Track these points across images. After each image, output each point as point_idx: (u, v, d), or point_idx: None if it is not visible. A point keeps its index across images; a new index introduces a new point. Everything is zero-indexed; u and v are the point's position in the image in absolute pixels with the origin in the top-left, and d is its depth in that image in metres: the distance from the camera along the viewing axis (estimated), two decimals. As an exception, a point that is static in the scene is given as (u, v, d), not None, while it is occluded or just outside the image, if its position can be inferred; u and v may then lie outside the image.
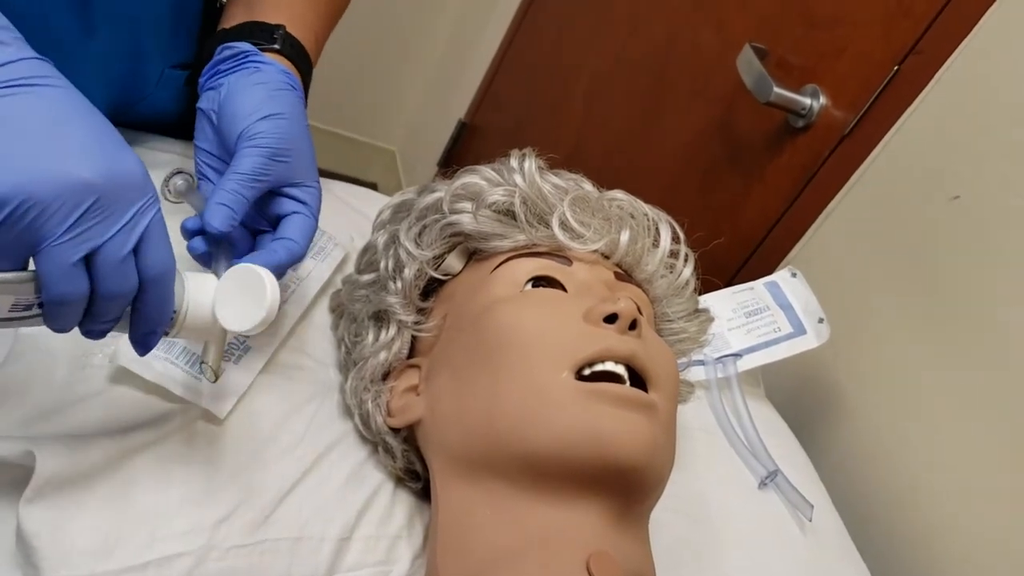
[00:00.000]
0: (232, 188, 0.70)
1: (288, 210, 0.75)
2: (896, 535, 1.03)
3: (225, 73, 0.77)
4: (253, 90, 0.75)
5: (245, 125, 0.72)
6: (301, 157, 0.75)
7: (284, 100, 0.76)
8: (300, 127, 0.76)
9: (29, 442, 0.65)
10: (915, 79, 1.13)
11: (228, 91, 0.75)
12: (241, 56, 0.78)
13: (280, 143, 0.73)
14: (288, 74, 0.78)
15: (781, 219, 1.29)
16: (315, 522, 0.73)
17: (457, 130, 2.55)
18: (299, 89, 0.79)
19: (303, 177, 0.76)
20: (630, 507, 0.69)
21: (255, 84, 0.76)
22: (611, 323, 0.71)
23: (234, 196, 0.70)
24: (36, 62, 0.55)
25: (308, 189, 0.76)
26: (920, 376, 1.07)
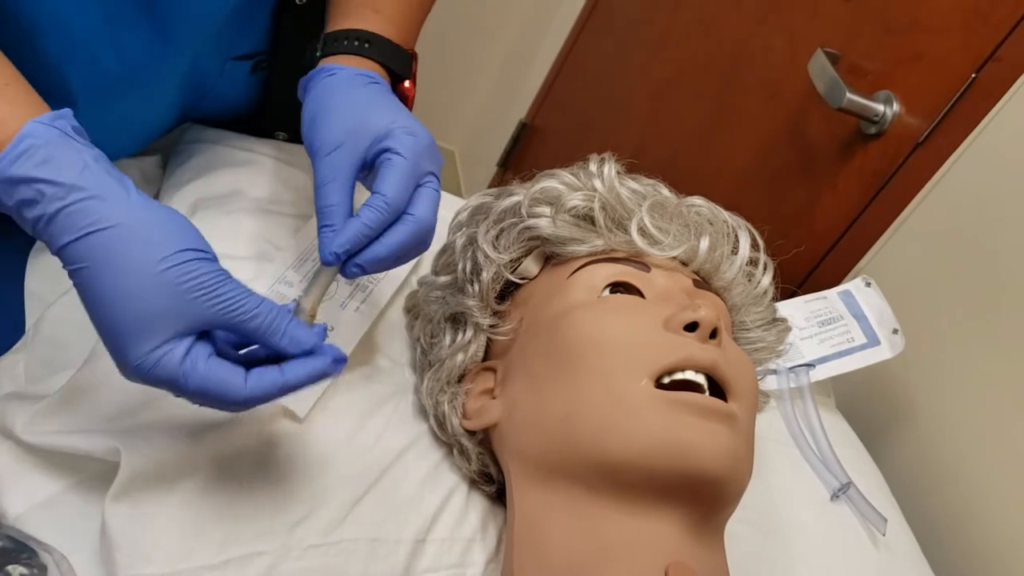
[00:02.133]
0: (319, 211, 0.69)
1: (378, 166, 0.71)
2: (969, 552, 1.01)
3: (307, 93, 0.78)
4: (303, 113, 0.75)
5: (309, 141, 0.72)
6: (368, 118, 0.72)
7: (318, 97, 0.75)
8: (346, 102, 0.74)
9: (115, 437, 0.66)
10: (993, 87, 1.11)
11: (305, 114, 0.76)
12: (306, 83, 0.79)
13: (327, 137, 0.71)
14: (323, 69, 0.78)
15: (852, 227, 1.27)
16: (391, 523, 0.73)
17: (517, 131, 2.55)
18: (342, 70, 0.77)
19: (380, 128, 0.71)
20: (708, 517, 0.69)
21: (309, 102, 0.76)
22: (691, 331, 0.70)
23: (327, 212, 0.69)
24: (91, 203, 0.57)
25: (392, 134, 0.71)
26: (994, 389, 1.05)
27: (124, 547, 0.63)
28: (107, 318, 0.57)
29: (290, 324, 0.60)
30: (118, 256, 0.56)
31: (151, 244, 0.57)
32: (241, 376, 0.59)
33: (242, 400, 0.59)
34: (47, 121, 0.58)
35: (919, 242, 1.18)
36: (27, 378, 0.77)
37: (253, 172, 0.96)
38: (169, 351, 0.57)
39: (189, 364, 0.57)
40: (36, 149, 0.57)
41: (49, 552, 0.63)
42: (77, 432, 0.67)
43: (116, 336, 0.57)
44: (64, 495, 0.68)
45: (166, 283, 0.56)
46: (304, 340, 0.60)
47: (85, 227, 0.56)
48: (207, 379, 0.57)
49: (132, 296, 0.56)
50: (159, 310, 0.56)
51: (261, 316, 0.59)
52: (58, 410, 0.69)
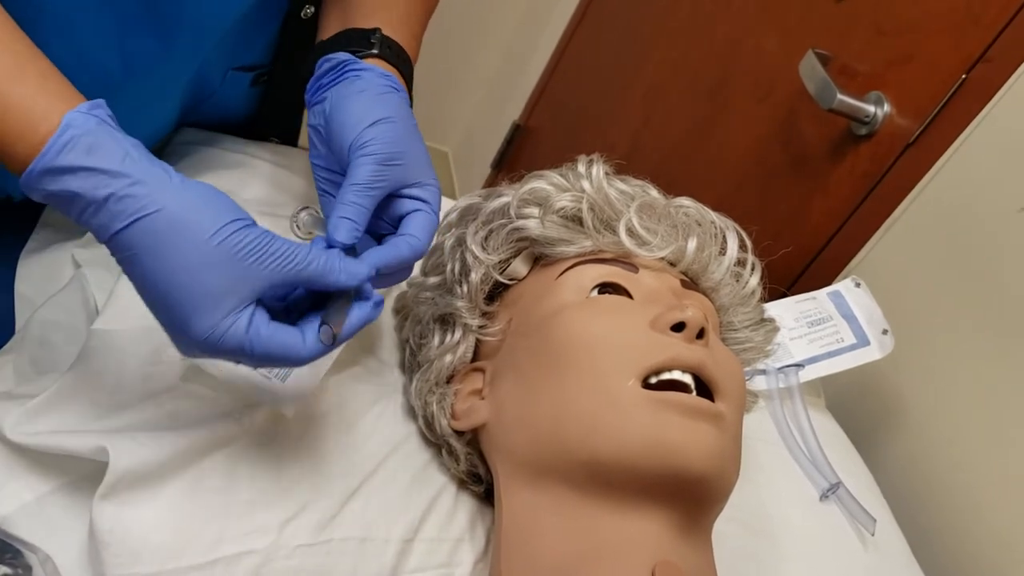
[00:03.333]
0: (350, 200, 0.69)
1: (409, 209, 0.73)
2: (959, 551, 1.02)
3: (328, 86, 0.77)
4: (356, 99, 0.74)
5: (354, 135, 0.72)
6: (414, 157, 0.74)
7: (389, 103, 0.75)
8: (408, 128, 0.75)
9: (103, 437, 0.66)
10: (984, 87, 1.11)
11: (332, 104, 0.75)
12: (340, 67, 0.77)
13: (391, 147, 0.72)
14: (388, 76, 0.77)
15: (843, 228, 1.27)
16: (380, 523, 0.73)
17: (511, 132, 2.55)
18: (402, 90, 0.78)
19: (420, 176, 0.74)
20: (696, 517, 0.69)
21: (358, 92, 0.75)
22: (679, 331, 0.70)
23: (353, 208, 0.69)
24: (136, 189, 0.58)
25: (427, 187, 0.74)
26: (984, 389, 1.05)
27: (113, 547, 0.63)
28: (169, 297, 0.58)
29: (343, 260, 0.63)
30: (173, 236, 0.57)
31: (202, 221, 0.58)
32: (299, 336, 0.61)
33: (304, 358, 0.61)
34: (86, 110, 0.59)
35: (909, 243, 1.19)
36: (16, 379, 0.78)
37: (245, 174, 0.96)
38: (235, 321, 0.58)
39: (253, 331, 0.59)
40: (79, 139, 0.57)
41: (34, 552, 0.64)
42: (65, 432, 0.67)
43: (179, 314, 0.58)
44: (52, 495, 0.68)
45: (224, 254, 0.58)
46: (359, 272, 0.63)
47: (134, 213, 0.57)
48: (271, 343, 0.60)
49: (194, 271, 0.57)
50: (223, 281, 0.58)
51: (316, 260, 0.61)
52: (46, 411, 0.69)
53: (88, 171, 0.57)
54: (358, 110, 0.74)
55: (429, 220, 0.73)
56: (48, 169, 0.57)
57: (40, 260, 0.88)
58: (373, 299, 0.65)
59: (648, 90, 1.94)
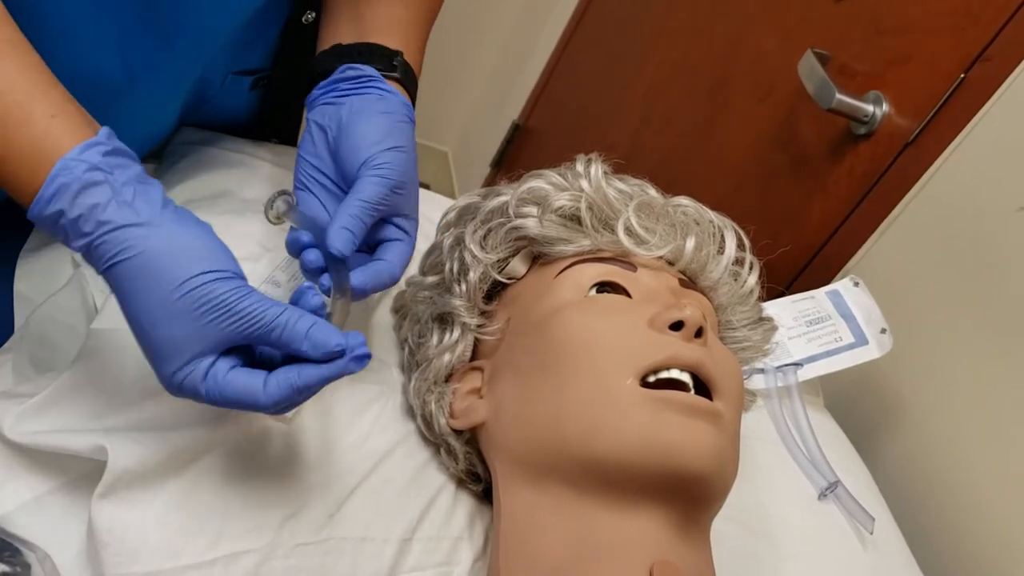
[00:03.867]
0: (355, 214, 0.71)
1: (391, 236, 0.76)
2: (958, 550, 1.02)
3: (347, 93, 0.78)
4: (379, 118, 0.76)
5: (371, 152, 0.73)
6: (412, 191, 0.77)
7: (405, 133, 0.77)
8: (414, 161, 0.77)
9: (101, 436, 0.66)
10: (982, 87, 1.11)
11: (351, 112, 0.76)
12: (365, 79, 0.78)
13: (401, 176, 0.74)
14: (409, 107, 0.79)
15: (842, 227, 1.27)
16: (378, 522, 0.73)
17: (511, 132, 2.56)
18: (414, 122, 0.80)
19: (410, 210, 0.77)
20: (694, 516, 0.69)
21: (381, 112, 0.76)
22: (677, 330, 0.70)
23: (356, 222, 0.70)
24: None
25: (412, 221, 0.77)
26: (983, 388, 1.05)
27: (111, 546, 0.63)
28: (139, 340, 0.61)
29: (312, 328, 0.61)
30: (140, 284, 0.60)
31: (169, 271, 0.59)
32: (260, 383, 0.61)
33: (266, 406, 0.61)
34: (76, 156, 0.60)
35: (908, 242, 1.19)
36: (15, 378, 0.78)
37: (243, 173, 0.97)
38: (191, 371, 0.60)
39: (210, 380, 0.60)
40: (67, 187, 0.59)
41: (33, 550, 0.64)
42: (64, 431, 0.68)
43: (147, 356, 0.61)
44: (51, 495, 0.68)
45: (182, 310, 0.59)
46: (325, 342, 0.61)
47: (111, 257, 0.59)
48: (225, 392, 0.60)
49: (155, 323, 0.59)
50: (178, 336, 0.59)
51: (280, 326, 0.60)
52: (45, 410, 0.69)
53: (74, 219, 0.59)
54: (379, 129, 0.75)
55: (407, 252, 0.77)
56: (42, 217, 0.60)
57: (39, 259, 0.88)
58: (348, 355, 0.62)
59: (648, 90, 1.94)
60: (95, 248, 0.60)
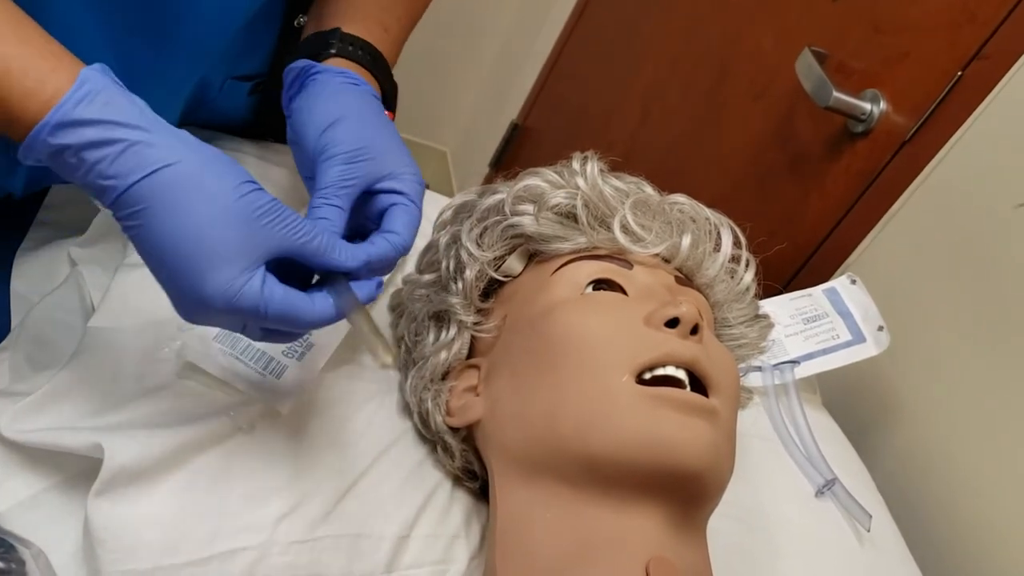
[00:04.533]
0: (321, 202, 0.68)
1: (386, 204, 0.72)
2: (956, 547, 1.02)
3: (293, 97, 0.78)
4: (313, 104, 0.74)
5: (313, 143, 0.72)
6: (383, 149, 0.72)
7: (345, 100, 0.75)
8: (371, 120, 0.74)
9: (98, 434, 0.66)
10: (979, 84, 1.11)
11: (295, 116, 0.75)
12: (300, 74, 0.78)
13: (352, 144, 0.71)
14: (344, 73, 0.77)
15: (839, 225, 1.28)
16: (374, 519, 0.73)
17: (509, 132, 2.56)
18: (362, 83, 0.77)
19: (393, 166, 0.72)
20: (690, 513, 0.69)
21: (314, 97, 0.75)
22: (673, 327, 0.71)
23: (327, 208, 0.68)
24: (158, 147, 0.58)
25: (402, 177, 0.72)
26: (981, 385, 1.05)
27: (108, 543, 0.63)
28: (182, 252, 0.57)
29: (341, 242, 0.63)
30: (191, 189, 0.57)
31: (220, 176, 0.58)
32: (308, 300, 0.61)
33: (311, 322, 0.62)
34: (99, 70, 0.59)
35: (906, 240, 1.19)
36: (12, 377, 0.78)
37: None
38: (250, 278, 0.58)
39: (268, 291, 0.59)
40: (96, 93, 0.58)
41: (27, 547, 0.64)
42: (61, 429, 0.68)
43: (192, 269, 0.57)
44: (48, 493, 0.68)
45: (242, 211, 0.58)
46: (359, 255, 0.63)
47: (153, 164, 0.57)
48: (284, 304, 0.60)
49: (213, 225, 0.57)
50: (239, 237, 0.58)
51: (320, 236, 0.61)
52: (41, 408, 0.69)
53: (107, 124, 0.57)
54: (315, 116, 0.74)
55: (408, 212, 0.71)
56: (65, 122, 0.57)
57: (36, 258, 0.88)
58: (375, 279, 0.65)
59: (646, 89, 1.94)
60: (133, 155, 0.57)
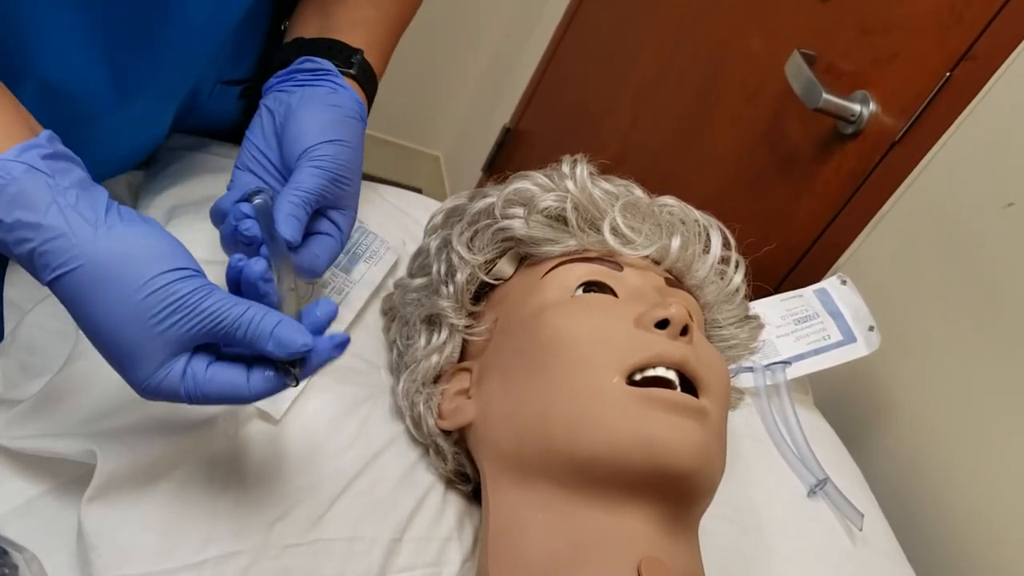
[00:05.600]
0: (299, 202, 0.70)
1: (323, 229, 0.75)
2: (948, 546, 1.02)
3: (301, 83, 0.79)
4: (327, 110, 0.76)
5: (312, 143, 0.73)
6: (353, 186, 0.77)
7: (352, 129, 0.77)
8: (358, 157, 0.77)
9: (91, 440, 0.66)
10: (968, 85, 1.12)
11: (301, 101, 0.76)
12: (322, 72, 0.79)
13: (341, 169, 0.74)
14: (360, 104, 0.80)
15: (830, 226, 1.28)
16: (367, 523, 0.73)
17: (502, 136, 2.56)
18: (365, 120, 0.80)
19: (347, 204, 0.77)
20: (681, 513, 0.69)
21: (330, 105, 0.77)
22: (662, 328, 0.71)
23: (302, 209, 0.70)
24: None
25: (347, 213, 0.77)
26: (971, 385, 1.05)
27: (101, 548, 0.64)
28: (101, 349, 0.59)
29: (277, 327, 0.59)
30: (95, 293, 0.56)
31: (126, 275, 0.57)
32: (243, 376, 0.60)
33: (248, 399, 0.60)
34: (13, 157, 0.57)
35: (896, 240, 1.19)
36: (5, 384, 0.78)
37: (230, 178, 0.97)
38: (168, 372, 0.58)
39: (189, 379, 0.58)
40: (4, 188, 0.56)
41: (21, 552, 0.64)
42: (53, 435, 0.68)
43: (115, 364, 0.59)
44: (41, 498, 0.69)
45: (142, 314, 0.56)
46: (290, 342, 0.58)
47: (56, 267, 0.56)
48: (208, 389, 0.59)
49: (115, 330, 0.57)
50: (143, 340, 0.57)
51: (245, 325, 0.58)
52: (35, 414, 0.69)
53: (11, 225, 0.56)
54: (323, 121, 0.75)
55: (335, 249, 0.76)
56: None
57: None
58: (329, 344, 0.61)
59: (637, 92, 1.94)
60: (39, 257, 0.56)
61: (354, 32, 0.85)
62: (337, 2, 0.87)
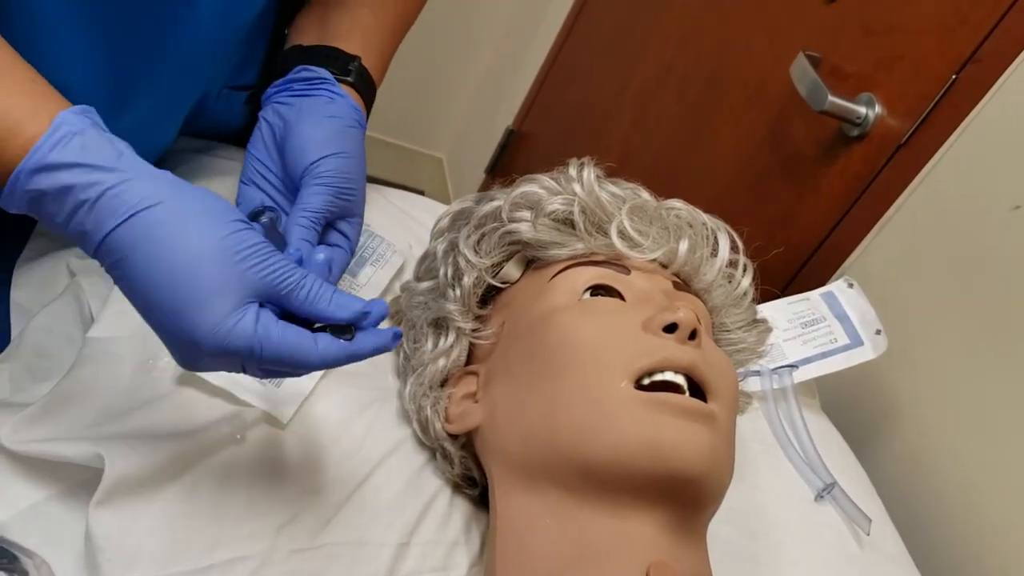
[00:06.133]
0: (308, 224, 0.73)
1: (331, 241, 0.78)
2: (955, 550, 1.02)
3: (298, 93, 0.79)
4: (326, 123, 0.77)
5: (314, 158, 0.75)
6: (358, 194, 0.78)
7: (351, 138, 0.78)
8: (360, 166, 0.78)
9: (98, 444, 0.66)
10: (974, 88, 1.12)
11: (299, 114, 0.77)
12: (318, 81, 0.80)
13: (344, 182, 0.75)
14: (358, 111, 0.80)
15: (835, 229, 1.28)
16: (375, 527, 0.73)
17: (505, 138, 2.56)
18: (364, 127, 0.81)
19: (353, 212, 0.78)
20: (690, 518, 0.69)
21: (328, 116, 0.78)
22: (670, 332, 0.71)
23: (311, 232, 0.73)
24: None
25: (353, 222, 0.79)
26: (979, 388, 1.05)
27: (108, 552, 0.63)
28: (169, 294, 0.56)
29: (335, 292, 0.60)
30: (174, 229, 0.56)
31: (204, 215, 0.57)
32: (311, 339, 0.58)
33: (314, 363, 0.59)
34: (79, 111, 0.58)
35: (902, 243, 1.19)
36: (12, 388, 0.78)
37: (236, 181, 0.97)
38: (242, 317, 0.56)
39: (262, 329, 0.57)
40: (72, 136, 0.57)
41: (30, 557, 0.64)
42: (61, 439, 0.68)
43: (181, 311, 0.56)
44: (48, 503, 0.68)
45: (227, 251, 0.56)
46: (351, 304, 0.60)
47: (133, 206, 0.56)
48: (282, 343, 0.57)
49: (194, 265, 0.55)
50: (226, 276, 0.56)
51: (308, 285, 0.59)
52: (42, 418, 0.69)
53: (83, 167, 0.56)
54: (323, 134, 0.76)
55: (344, 258, 0.79)
56: (41, 166, 0.56)
57: (35, 269, 0.88)
58: (391, 332, 0.62)
59: (640, 93, 1.94)
60: (112, 199, 0.56)
61: (352, 39, 0.85)
62: (336, 9, 0.87)
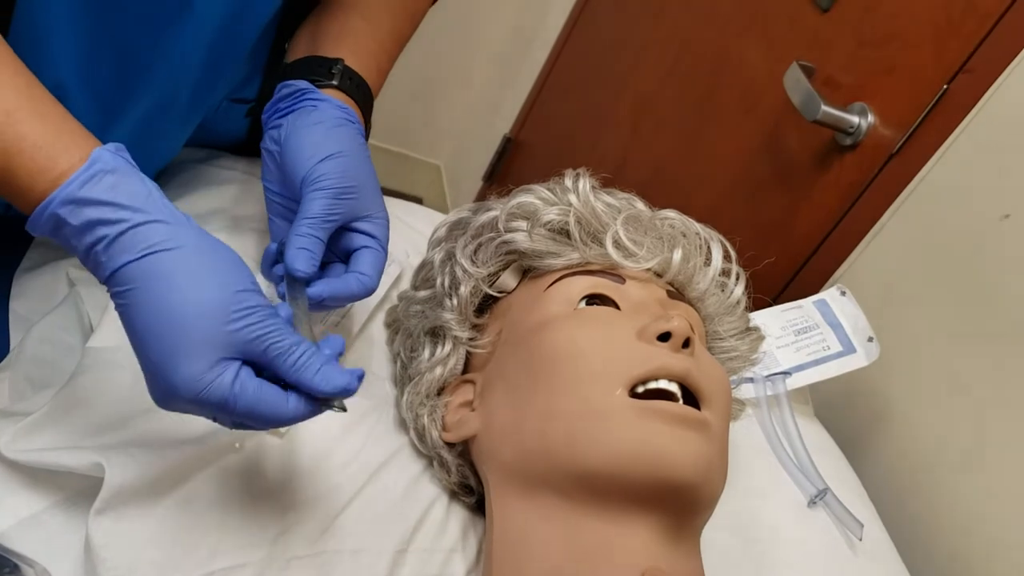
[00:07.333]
0: (306, 232, 0.72)
1: (358, 244, 0.77)
2: (948, 556, 1.03)
3: (284, 112, 0.79)
4: (311, 131, 0.77)
5: (307, 168, 0.75)
6: (366, 190, 0.77)
7: (342, 136, 0.78)
8: (360, 160, 0.77)
9: (98, 453, 0.67)
10: (965, 98, 1.13)
11: (287, 132, 0.77)
12: (298, 94, 0.80)
13: (343, 182, 0.75)
14: (344, 108, 0.80)
15: (828, 237, 1.28)
16: (372, 534, 0.74)
17: (502, 145, 2.57)
18: (357, 123, 0.80)
19: (370, 210, 0.77)
20: (683, 524, 0.70)
21: (313, 124, 0.77)
22: (665, 341, 0.72)
23: (310, 239, 0.72)
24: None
25: (376, 221, 0.78)
26: (970, 395, 1.06)
27: (109, 561, 0.64)
28: (158, 338, 0.58)
29: (324, 364, 0.61)
30: (180, 277, 0.58)
31: (214, 271, 0.59)
32: (284, 397, 0.61)
33: (286, 419, 0.61)
34: (113, 150, 0.61)
35: (894, 251, 1.20)
36: (11, 397, 0.78)
37: (237, 191, 0.98)
38: (221, 373, 0.58)
39: (239, 386, 0.59)
40: (104, 174, 0.59)
41: (31, 566, 0.64)
42: (61, 449, 0.68)
43: (167, 356, 0.58)
44: (49, 511, 0.69)
45: (225, 308, 0.58)
46: (335, 379, 0.61)
47: (150, 246, 0.58)
48: (257, 400, 0.59)
49: (192, 317, 0.58)
50: (214, 334, 0.58)
51: (297, 354, 0.60)
52: (42, 427, 0.70)
53: (111, 205, 0.59)
54: (312, 143, 0.76)
55: (378, 257, 0.77)
56: (71, 200, 0.58)
57: (35, 278, 0.89)
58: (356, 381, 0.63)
59: (636, 103, 1.95)
60: (134, 235, 0.58)
61: (339, 44, 0.85)
62: (327, 19, 0.88)
